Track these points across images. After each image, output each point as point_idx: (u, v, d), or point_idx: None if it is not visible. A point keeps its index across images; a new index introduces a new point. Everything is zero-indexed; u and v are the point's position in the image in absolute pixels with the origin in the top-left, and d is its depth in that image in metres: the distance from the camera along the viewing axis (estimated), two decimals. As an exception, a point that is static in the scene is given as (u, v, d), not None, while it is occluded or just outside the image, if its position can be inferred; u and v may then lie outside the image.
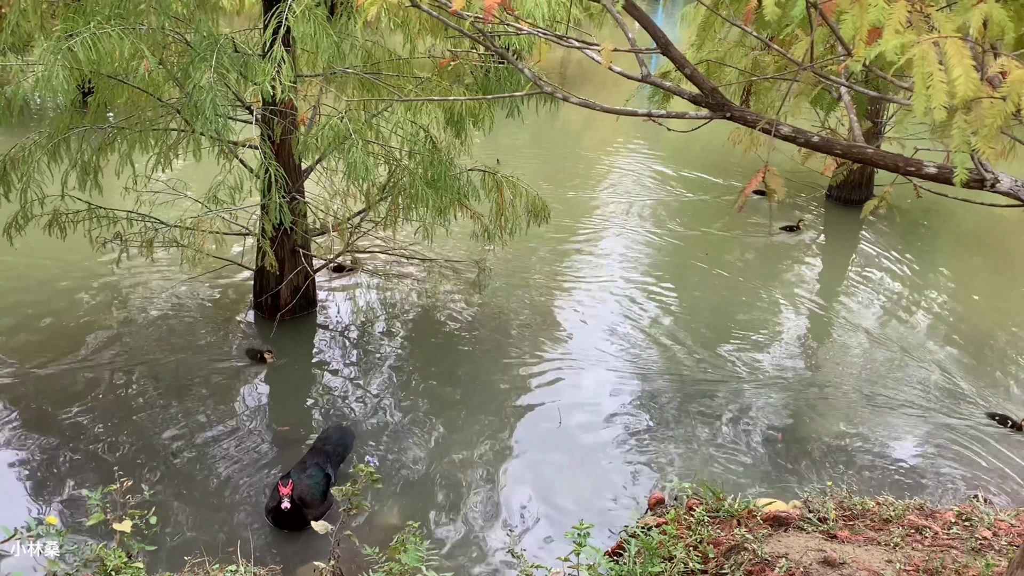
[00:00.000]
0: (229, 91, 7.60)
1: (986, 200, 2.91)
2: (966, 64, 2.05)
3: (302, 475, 6.43)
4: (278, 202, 7.38)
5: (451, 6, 2.57)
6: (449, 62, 6.57)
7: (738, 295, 10.74)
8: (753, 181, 2.66)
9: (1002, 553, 5.21)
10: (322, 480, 6.42)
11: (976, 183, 2.58)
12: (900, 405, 8.39)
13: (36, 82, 6.67)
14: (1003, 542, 5.38)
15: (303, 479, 6.37)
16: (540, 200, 9.49)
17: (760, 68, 3.71)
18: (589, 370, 8.77)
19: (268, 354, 8.40)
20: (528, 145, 17.01)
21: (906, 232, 13.40)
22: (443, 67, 7.35)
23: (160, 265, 10.09)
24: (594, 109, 3.04)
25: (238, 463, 6.95)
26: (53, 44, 6.68)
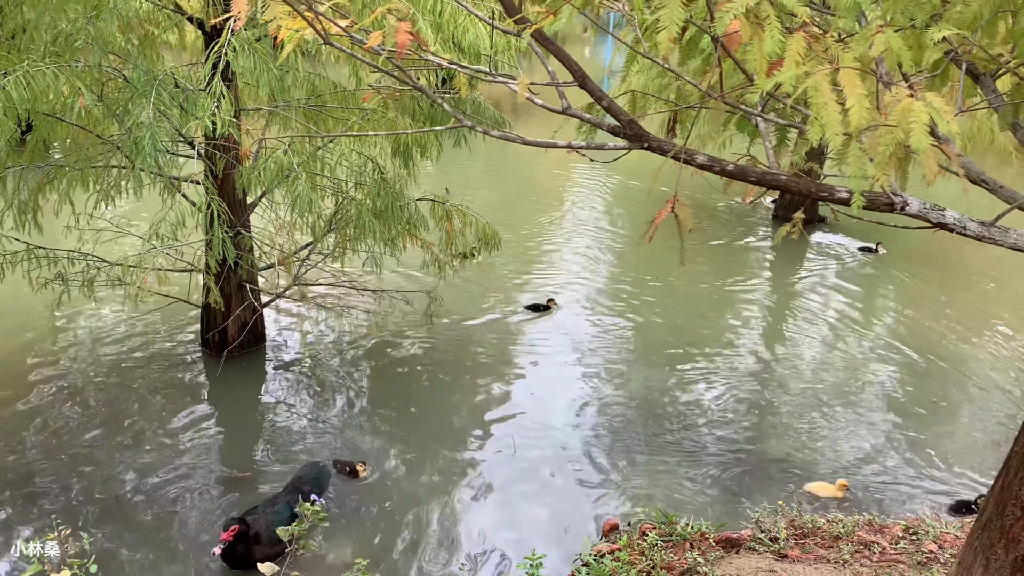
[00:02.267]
0: (170, 127, 7.52)
1: (899, 222, 2.98)
2: (859, 94, 2.09)
3: (267, 510, 6.34)
4: (221, 238, 7.29)
5: (366, 43, 2.57)
6: (370, 97, 6.57)
7: (692, 319, 10.83)
8: (662, 212, 2.68)
9: (947, 566, 5.27)
10: (287, 519, 6.30)
11: (887, 206, 2.63)
12: (853, 421, 8.49)
13: (-32, 122, 6.53)
14: (947, 555, 5.45)
15: (267, 515, 6.27)
16: (490, 228, 9.51)
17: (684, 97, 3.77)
18: (545, 397, 8.75)
19: (362, 467, 7.25)
20: (481, 173, 17.08)
21: (852, 248, 13.66)
22: (365, 101, 7.34)
23: (104, 304, 9.90)
24: (515, 142, 3.05)
25: (187, 505, 6.79)
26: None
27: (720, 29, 2.18)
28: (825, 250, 13.70)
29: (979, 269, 12.82)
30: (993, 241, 2.74)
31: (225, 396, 8.44)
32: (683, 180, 3.02)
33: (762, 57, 2.20)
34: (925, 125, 2.07)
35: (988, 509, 3.89)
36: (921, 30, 2.53)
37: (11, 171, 7.80)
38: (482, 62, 8.03)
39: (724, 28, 2.17)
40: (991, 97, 3.53)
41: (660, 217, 2.64)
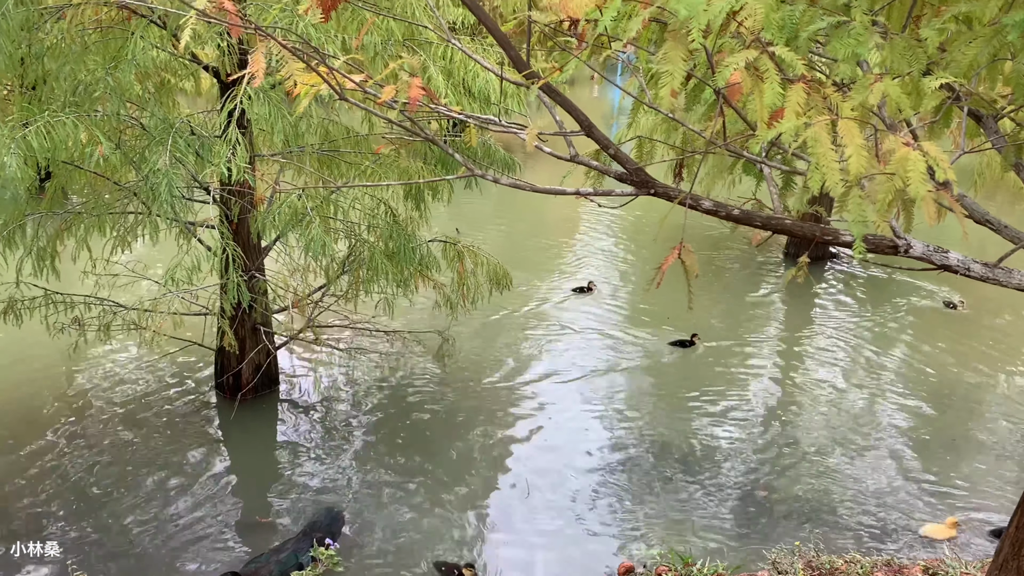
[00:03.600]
0: (186, 173, 7.66)
1: (903, 264, 3.01)
2: (858, 144, 2.15)
3: (273, 558, 6.32)
4: (236, 281, 7.38)
5: (379, 97, 2.65)
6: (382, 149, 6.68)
7: (705, 358, 10.82)
8: (669, 258, 2.73)
9: (966, 608, 5.22)
10: (292, 567, 6.29)
11: (891, 249, 2.67)
12: (867, 458, 8.43)
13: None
14: (967, 596, 5.39)
15: (271, 564, 6.25)
16: (501, 268, 9.57)
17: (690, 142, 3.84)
18: (558, 437, 8.75)
19: (469, 571, 6.65)
20: (491, 213, 17.20)
21: (865, 285, 13.65)
22: (378, 151, 7.46)
23: (120, 348, 9.99)
24: (524, 189, 3.12)
25: (201, 549, 6.79)
26: (7, 132, 6.73)
27: (721, 81, 2.25)
28: (836, 287, 13.69)
29: (995, 301, 12.76)
30: (997, 282, 2.77)
31: (239, 439, 8.48)
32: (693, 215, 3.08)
33: (763, 108, 2.26)
34: (922, 173, 2.12)
35: (1004, 549, 3.86)
36: (919, 78, 2.59)
37: (30, 218, 7.94)
38: (491, 106, 8.16)
39: (725, 80, 2.24)
40: (993, 138, 3.59)
41: (667, 263, 2.69)
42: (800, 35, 2.52)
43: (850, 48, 2.42)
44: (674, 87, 2.28)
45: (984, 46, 2.57)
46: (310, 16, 3.07)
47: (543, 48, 3.90)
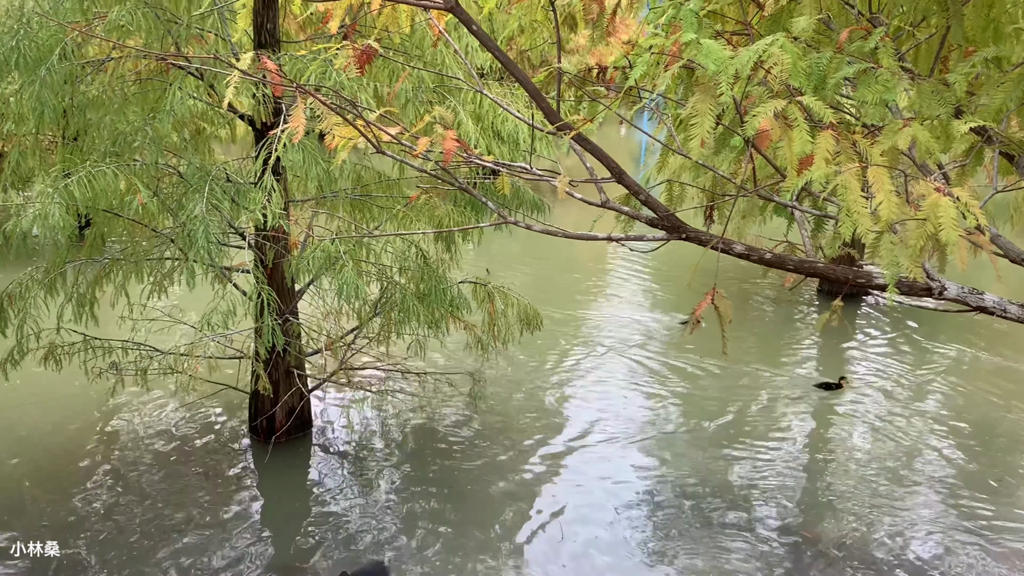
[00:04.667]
0: (222, 219, 7.81)
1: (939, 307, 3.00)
2: (888, 190, 2.17)
3: None
4: (271, 325, 7.48)
5: (415, 149, 2.73)
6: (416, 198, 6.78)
7: (740, 397, 10.72)
8: (702, 304, 2.75)
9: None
10: None
11: (925, 292, 2.67)
12: (911, 502, 8.27)
13: (34, 220, 6.87)
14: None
15: None
16: (532, 308, 9.61)
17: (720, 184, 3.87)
18: (592, 479, 8.69)
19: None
20: (521, 252, 17.29)
21: (902, 320, 13.48)
22: (412, 201, 7.57)
23: (155, 393, 10.13)
24: (557, 235, 3.16)
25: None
26: (50, 182, 6.94)
27: (751, 130, 2.29)
28: (873, 323, 13.55)
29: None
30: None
31: (273, 483, 8.52)
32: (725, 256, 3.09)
33: (792, 156, 2.29)
34: (954, 219, 2.14)
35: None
36: (948, 121, 2.61)
37: (71, 265, 8.13)
38: (520, 150, 8.27)
39: (755, 129, 2.27)
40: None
41: (700, 309, 2.71)
42: (828, 82, 2.56)
43: (878, 94, 2.44)
44: (703, 136, 2.32)
45: (1012, 90, 2.59)
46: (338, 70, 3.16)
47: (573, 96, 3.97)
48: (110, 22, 6.57)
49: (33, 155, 7.88)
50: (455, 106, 7.81)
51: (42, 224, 6.76)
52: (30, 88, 6.52)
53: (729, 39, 3.62)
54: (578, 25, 5.25)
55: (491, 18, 8.16)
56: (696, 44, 2.31)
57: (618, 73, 3.32)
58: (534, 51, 9.94)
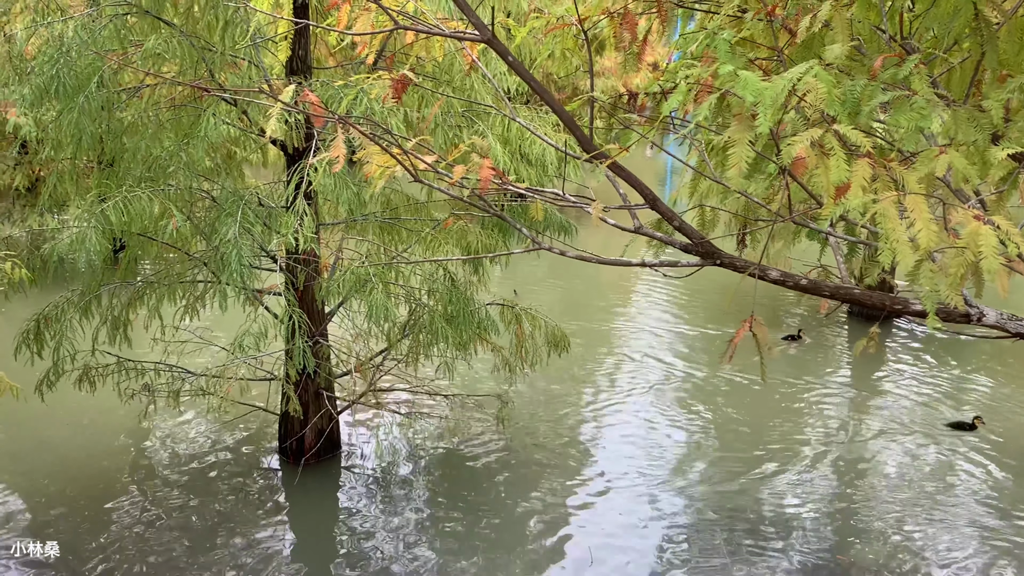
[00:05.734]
0: (254, 242, 7.91)
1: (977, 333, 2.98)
2: (926, 218, 2.17)
3: None
4: (301, 347, 7.55)
5: (451, 178, 2.77)
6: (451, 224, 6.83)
7: (771, 419, 10.64)
8: (740, 332, 2.75)
9: None
10: None
11: (963, 318, 2.66)
12: (947, 525, 8.14)
13: (70, 244, 7.01)
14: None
15: None
16: (559, 330, 9.61)
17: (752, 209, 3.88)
18: (620, 502, 8.64)
19: None
20: (547, 274, 17.31)
21: (936, 343, 13.32)
22: (447, 227, 7.62)
23: (187, 414, 10.22)
24: (591, 261, 3.18)
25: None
26: (87, 207, 7.08)
27: (787, 159, 2.30)
28: (906, 344, 13.40)
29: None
30: (1075, 350, 2.73)
31: (303, 505, 8.55)
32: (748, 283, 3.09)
33: (828, 184, 2.30)
34: (994, 247, 2.13)
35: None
36: (984, 147, 2.61)
37: (105, 288, 8.26)
38: (548, 172, 8.31)
39: (791, 157, 2.29)
40: (1063, 201, 3.55)
41: (738, 337, 2.71)
42: (862, 109, 2.57)
43: (913, 121, 2.45)
44: (741, 166, 2.33)
45: (1050, 115, 2.58)
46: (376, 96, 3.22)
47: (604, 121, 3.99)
48: (146, 50, 6.71)
49: (70, 180, 8.03)
50: (483, 130, 7.88)
51: (79, 247, 6.88)
52: (68, 115, 6.66)
53: (761, 65, 3.64)
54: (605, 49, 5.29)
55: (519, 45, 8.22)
56: (734, 75, 2.33)
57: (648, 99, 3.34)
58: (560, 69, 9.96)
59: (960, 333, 3.32)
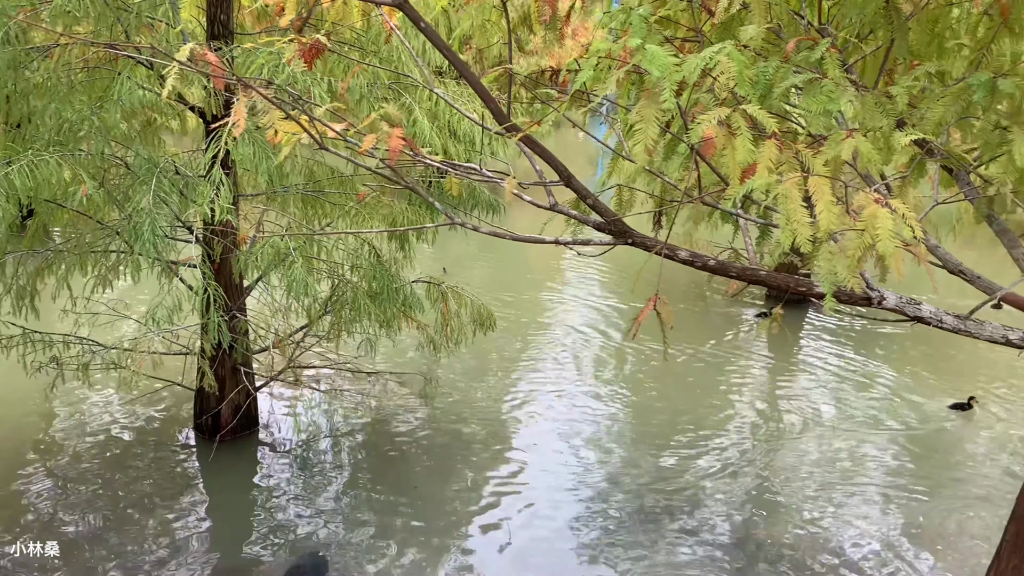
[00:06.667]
0: (170, 212, 7.66)
1: (878, 316, 3.05)
2: (827, 200, 2.19)
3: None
4: (217, 321, 7.35)
5: (360, 146, 2.68)
6: (364, 196, 6.73)
7: (691, 400, 10.81)
8: (644, 311, 2.75)
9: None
10: None
11: (864, 301, 2.70)
12: (857, 504, 8.41)
13: (-29, 209, 6.66)
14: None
15: None
16: (485, 309, 9.58)
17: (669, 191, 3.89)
18: (543, 480, 8.68)
19: None
20: (477, 251, 17.25)
21: (848, 327, 13.72)
22: (360, 199, 7.51)
23: (98, 389, 9.89)
24: (504, 238, 3.14)
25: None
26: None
27: (695, 138, 2.29)
28: (819, 327, 13.76)
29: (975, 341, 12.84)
30: (968, 334, 2.81)
31: (218, 481, 8.37)
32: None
33: (735, 165, 2.30)
34: (890, 231, 2.16)
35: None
36: (889, 133, 2.65)
37: (11, 256, 7.89)
38: (476, 150, 8.24)
39: (699, 136, 2.28)
40: (966, 190, 3.65)
41: (642, 316, 2.71)
42: (774, 91, 2.58)
43: (822, 104, 2.47)
44: (647, 143, 2.32)
45: (952, 103, 2.63)
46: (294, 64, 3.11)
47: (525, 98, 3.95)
48: (56, 7, 6.39)
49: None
50: (410, 104, 7.75)
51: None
52: (-31, 73, 6.32)
53: (680, 46, 3.63)
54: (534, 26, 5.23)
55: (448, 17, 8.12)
56: (642, 49, 2.31)
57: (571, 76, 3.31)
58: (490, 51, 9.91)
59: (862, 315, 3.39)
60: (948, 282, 4.24)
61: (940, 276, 3.82)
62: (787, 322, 13.84)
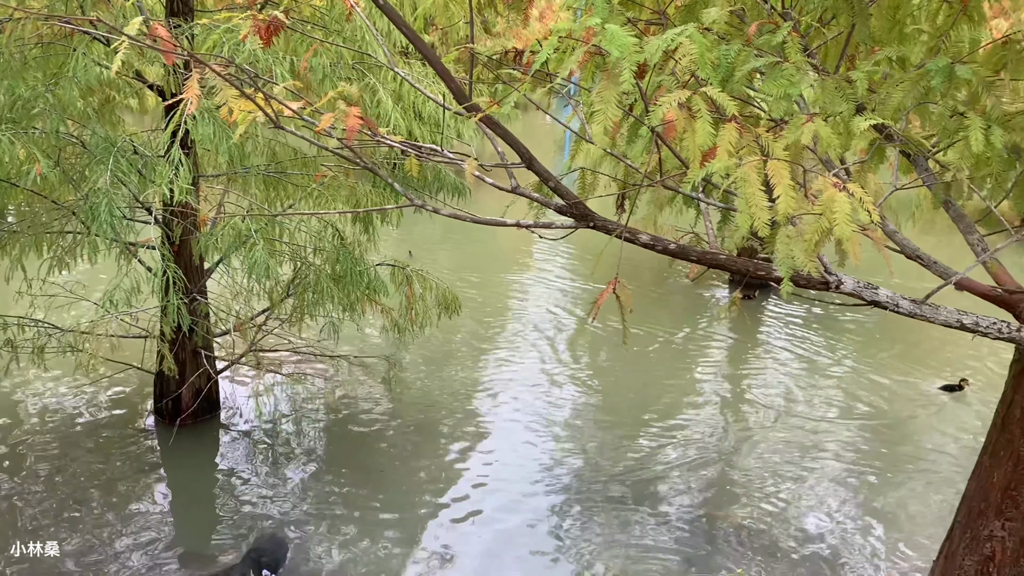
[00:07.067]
0: (128, 193, 7.50)
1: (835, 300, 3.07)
2: (786, 184, 2.19)
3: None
4: (176, 304, 7.23)
5: (317, 126, 2.64)
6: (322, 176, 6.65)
7: (654, 384, 10.88)
8: (604, 294, 2.75)
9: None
10: None
11: (822, 285, 2.72)
12: (813, 486, 8.53)
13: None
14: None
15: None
16: (451, 293, 9.54)
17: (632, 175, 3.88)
18: (506, 463, 8.69)
19: None
20: (443, 235, 17.19)
21: (810, 311, 13.89)
22: (318, 179, 7.43)
23: (54, 372, 9.71)
24: (465, 220, 3.11)
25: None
26: (-61, 149, 6.53)
27: (655, 120, 2.28)
28: (780, 311, 13.91)
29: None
30: (924, 318, 2.84)
31: (178, 465, 8.28)
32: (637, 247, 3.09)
33: (695, 148, 2.29)
34: (847, 215, 2.17)
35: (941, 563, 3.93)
36: (849, 118, 2.66)
37: (-39, 237, 7.70)
38: (440, 132, 8.18)
39: (660, 119, 2.26)
40: (924, 176, 3.69)
41: (602, 299, 2.70)
42: (735, 74, 2.57)
43: (783, 88, 2.47)
44: (607, 125, 2.30)
45: (910, 89, 2.65)
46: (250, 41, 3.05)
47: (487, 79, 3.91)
48: (7, -21, 6.20)
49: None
50: (374, 84, 7.66)
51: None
52: (-83, 46, 6.12)
53: (645, 29, 3.62)
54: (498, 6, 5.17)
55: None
56: (602, 29, 2.29)
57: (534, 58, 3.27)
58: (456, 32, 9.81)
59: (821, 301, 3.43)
60: (907, 268, 4.30)
61: (900, 262, 3.87)
62: (755, 306, 13.99)
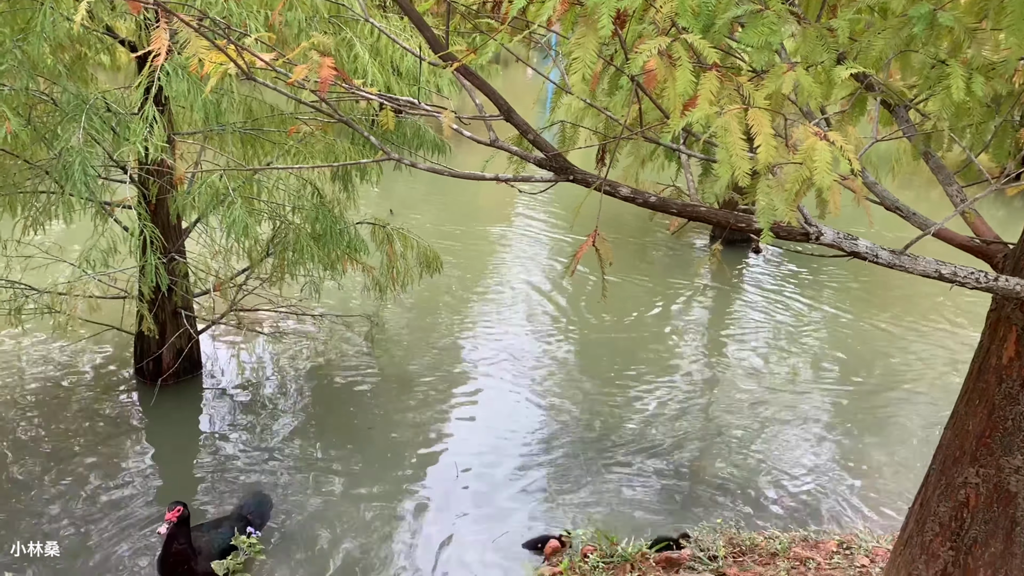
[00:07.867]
0: (102, 151, 7.38)
1: (815, 251, 3.08)
2: (767, 133, 2.17)
3: (213, 531, 6.18)
4: (154, 264, 7.16)
5: (290, 77, 2.58)
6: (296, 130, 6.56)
7: (635, 339, 10.94)
8: (583, 247, 2.73)
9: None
10: (227, 544, 6.17)
11: (802, 236, 2.72)
12: (792, 437, 8.66)
13: None
14: (878, 569, 5.58)
15: (211, 534, 6.13)
16: (432, 251, 9.51)
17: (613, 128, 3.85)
18: (488, 420, 8.75)
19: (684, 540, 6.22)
20: (425, 193, 17.09)
21: (791, 265, 13.97)
22: (291, 133, 7.34)
23: (33, 334, 9.63)
24: (443, 174, 3.08)
25: (127, 538, 6.61)
26: (-96, 107, 6.37)
27: (635, 69, 2.24)
28: (760, 264, 13.99)
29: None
30: (903, 268, 2.85)
31: (160, 426, 8.27)
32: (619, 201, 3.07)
33: (675, 97, 2.26)
34: (828, 164, 2.16)
35: (909, 526, 4.00)
36: (830, 67, 2.63)
37: (-68, 198, 7.56)
38: (418, 87, 8.06)
39: (639, 68, 2.23)
40: (904, 127, 3.68)
41: (581, 252, 2.69)
42: (717, 22, 2.54)
43: (763, 37, 2.43)
44: (586, 74, 2.26)
45: (892, 37, 2.62)
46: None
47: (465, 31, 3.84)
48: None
49: None
50: (351, 38, 7.52)
51: None
52: None
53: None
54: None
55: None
56: (580, -25, 2.24)
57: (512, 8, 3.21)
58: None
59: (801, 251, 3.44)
60: (887, 220, 4.31)
61: (880, 214, 3.88)
62: (736, 259, 14.05)
